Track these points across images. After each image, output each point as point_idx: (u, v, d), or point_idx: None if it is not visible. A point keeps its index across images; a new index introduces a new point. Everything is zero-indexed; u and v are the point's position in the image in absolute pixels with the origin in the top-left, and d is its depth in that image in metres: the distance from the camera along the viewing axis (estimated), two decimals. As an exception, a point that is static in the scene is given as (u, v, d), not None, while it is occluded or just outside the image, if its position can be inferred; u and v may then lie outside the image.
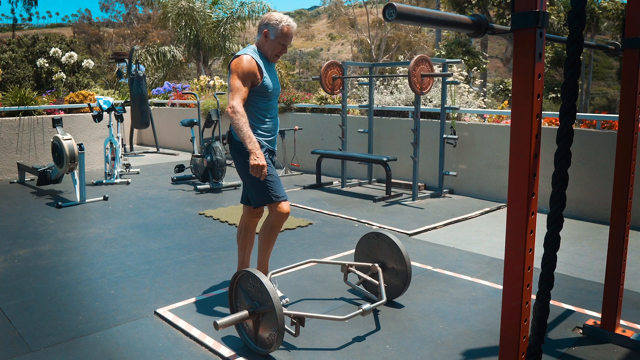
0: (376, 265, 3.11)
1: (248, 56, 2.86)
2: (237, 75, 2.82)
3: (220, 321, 2.41)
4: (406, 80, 7.01)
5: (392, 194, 6.06)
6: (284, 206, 2.94)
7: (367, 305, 2.70)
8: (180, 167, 7.38)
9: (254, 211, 3.16)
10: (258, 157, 2.71)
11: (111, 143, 7.04)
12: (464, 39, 16.85)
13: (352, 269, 3.19)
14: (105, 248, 4.20)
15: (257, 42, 2.99)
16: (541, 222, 1.61)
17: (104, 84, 17.07)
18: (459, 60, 6.94)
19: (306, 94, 9.06)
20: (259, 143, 2.92)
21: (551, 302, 2.13)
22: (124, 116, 7.64)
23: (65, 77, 10.61)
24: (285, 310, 2.50)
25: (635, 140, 2.47)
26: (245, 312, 2.49)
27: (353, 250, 3.42)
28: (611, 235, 2.57)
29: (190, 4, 16.12)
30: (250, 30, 19.69)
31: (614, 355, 2.51)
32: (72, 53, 10.48)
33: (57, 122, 6.05)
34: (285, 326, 2.44)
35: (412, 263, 3.84)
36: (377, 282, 3.04)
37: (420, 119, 6.00)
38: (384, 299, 2.86)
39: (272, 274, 3.10)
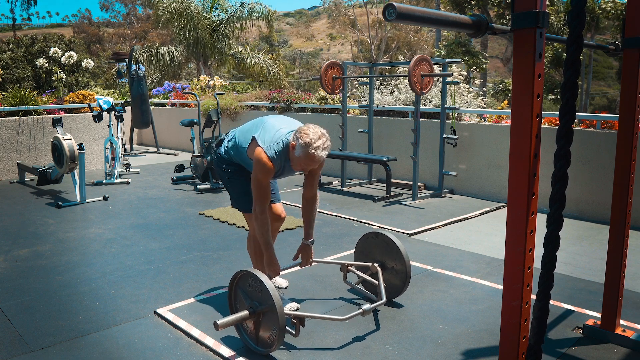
0: (376, 265, 3.11)
1: (269, 163, 2.65)
2: (258, 177, 2.68)
3: (220, 321, 2.41)
4: (406, 80, 7.01)
5: (392, 194, 6.06)
6: (247, 217, 3.00)
7: (366, 306, 2.71)
8: (180, 167, 7.38)
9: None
10: (273, 264, 2.80)
11: (111, 143, 7.04)
12: (464, 39, 16.84)
13: (352, 268, 3.19)
14: (105, 248, 4.20)
15: (291, 142, 2.69)
16: (541, 222, 1.60)
17: (104, 84, 17.07)
18: (459, 60, 6.95)
19: (306, 94, 9.06)
20: (229, 159, 2.96)
21: (551, 302, 2.13)
22: (124, 116, 7.63)
23: (64, 77, 10.61)
24: (285, 311, 2.50)
25: (635, 140, 2.47)
26: (245, 312, 2.49)
27: (353, 250, 3.42)
28: (611, 235, 2.57)
29: (184, 5, 16.08)
30: (250, 30, 19.67)
31: (614, 355, 2.51)
32: (72, 53, 10.47)
33: (57, 122, 6.05)
34: (286, 326, 2.44)
35: (412, 263, 3.84)
36: (376, 282, 3.04)
37: (420, 119, 6.00)
38: (384, 299, 2.86)
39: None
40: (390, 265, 3.12)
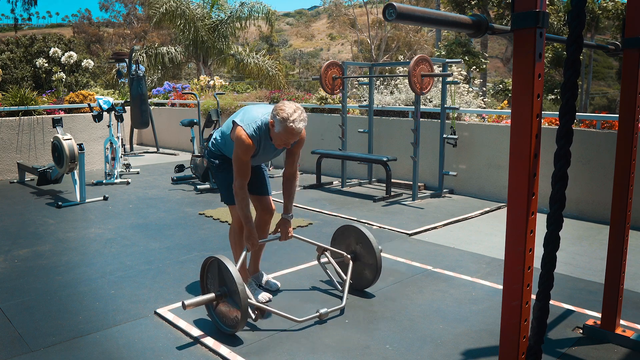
0: (348, 256, 3.26)
1: (248, 140, 2.82)
2: (238, 155, 2.85)
3: (188, 302, 2.64)
4: (406, 80, 7.01)
5: (392, 194, 6.06)
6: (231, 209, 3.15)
7: (324, 310, 2.87)
8: (180, 167, 7.38)
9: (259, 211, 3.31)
10: (252, 237, 2.96)
11: (111, 143, 7.04)
12: (464, 39, 16.84)
13: (327, 254, 3.32)
14: (105, 248, 4.20)
15: (269, 120, 2.84)
16: (541, 222, 1.60)
17: (104, 83, 17.07)
18: (459, 60, 6.93)
19: (306, 94, 9.07)
20: (216, 152, 3.13)
21: (551, 302, 2.12)
22: (124, 116, 7.63)
23: (64, 77, 10.61)
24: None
25: (635, 140, 2.47)
26: (212, 295, 2.72)
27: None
28: (611, 235, 2.57)
29: (179, 5, 16.05)
30: (250, 30, 19.67)
31: (614, 355, 2.51)
32: (72, 53, 10.47)
33: (57, 122, 6.05)
34: (249, 310, 2.68)
35: (412, 263, 3.84)
36: (345, 278, 3.19)
37: (420, 119, 6.00)
38: (343, 303, 3.02)
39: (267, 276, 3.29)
40: (362, 258, 3.26)
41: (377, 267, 3.16)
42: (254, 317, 2.78)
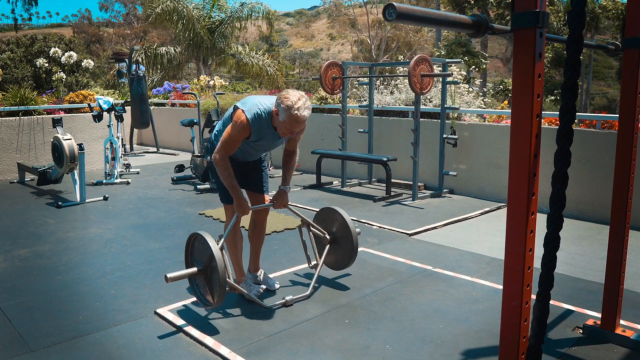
0: (328, 238, 3.38)
1: (246, 123, 2.81)
2: (231, 133, 2.85)
3: (170, 275, 2.78)
4: (406, 80, 7.01)
5: (392, 194, 6.06)
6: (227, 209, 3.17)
7: (289, 297, 3.08)
8: (180, 167, 7.38)
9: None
10: (242, 204, 2.96)
11: (111, 143, 7.04)
12: (464, 39, 16.85)
13: (312, 229, 3.41)
14: (105, 248, 4.20)
15: (273, 109, 2.82)
16: (541, 222, 1.60)
17: (104, 84, 17.06)
18: (459, 60, 6.94)
19: (306, 93, 9.06)
20: (215, 144, 3.08)
21: (551, 302, 2.12)
22: (124, 116, 7.63)
23: (65, 77, 10.61)
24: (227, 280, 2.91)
25: (635, 140, 2.46)
26: (194, 269, 2.86)
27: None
28: (611, 235, 2.57)
29: (177, 5, 16.04)
30: (250, 30, 19.67)
31: (614, 355, 2.51)
32: (72, 53, 10.47)
33: (57, 122, 6.05)
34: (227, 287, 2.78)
35: (412, 263, 3.84)
36: (319, 261, 3.34)
37: (420, 119, 6.00)
38: (308, 292, 3.20)
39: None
40: (341, 241, 3.37)
41: (354, 250, 3.28)
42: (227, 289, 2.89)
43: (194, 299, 3.18)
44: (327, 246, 3.38)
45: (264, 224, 3.34)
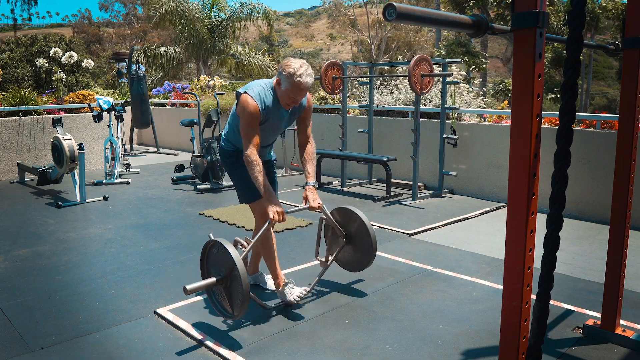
0: (343, 240, 3.25)
1: (253, 103, 2.73)
2: (244, 121, 2.76)
3: (189, 286, 2.62)
4: (406, 80, 7.01)
5: (392, 194, 6.06)
6: (256, 207, 2.97)
7: (296, 293, 3.00)
8: (180, 167, 7.38)
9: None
10: (274, 205, 2.78)
11: (111, 143, 7.04)
12: (464, 39, 16.85)
13: (331, 226, 3.27)
14: (105, 248, 4.20)
15: (275, 81, 2.83)
16: (541, 222, 1.60)
17: (104, 84, 17.06)
18: (459, 60, 6.94)
19: (306, 93, 9.05)
20: (230, 149, 3.02)
21: (551, 302, 2.12)
22: (124, 116, 7.63)
23: (65, 77, 10.61)
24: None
25: (635, 140, 2.46)
26: (213, 279, 2.69)
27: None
28: (611, 235, 2.57)
29: (179, 6, 16.04)
30: (250, 30, 19.66)
31: (614, 355, 2.51)
32: (72, 53, 10.47)
33: (57, 122, 6.05)
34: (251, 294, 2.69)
35: (412, 263, 3.84)
36: (329, 259, 3.24)
37: (420, 119, 6.00)
38: (308, 288, 3.15)
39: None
40: (357, 243, 3.26)
41: (372, 254, 3.18)
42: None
43: (194, 299, 3.18)
44: (341, 246, 3.28)
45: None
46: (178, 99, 10.96)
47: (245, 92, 2.78)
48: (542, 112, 1.85)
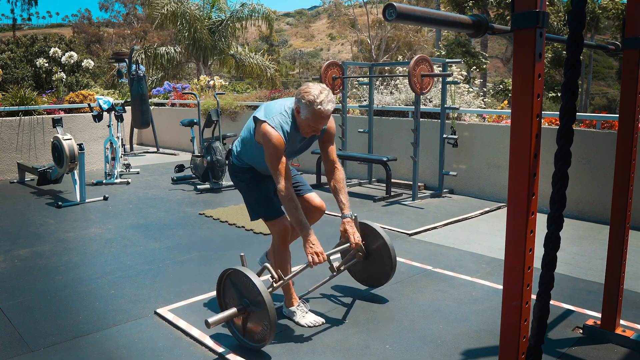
0: (361, 255, 3.10)
1: (276, 134, 2.55)
2: (270, 153, 2.57)
3: (211, 319, 2.44)
4: (406, 80, 7.01)
5: (392, 194, 6.06)
6: (275, 224, 2.80)
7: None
8: (180, 167, 7.38)
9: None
10: (313, 245, 2.59)
11: (111, 143, 7.04)
12: (464, 39, 16.85)
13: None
14: (105, 248, 4.20)
15: (294, 107, 2.62)
16: (541, 222, 1.60)
17: (104, 84, 17.06)
18: (459, 60, 6.95)
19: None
20: (243, 166, 2.85)
21: (551, 302, 2.11)
22: (124, 116, 7.63)
23: (65, 77, 10.61)
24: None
25: (635, 140, 2.46)
26: (234, 310, 2.52)
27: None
28: (611, 235, 2.57)
29: (181, 7, 16.05)
30: (250, 30, 19.66)
31: (614, 355, 2.51)
32: (72, 53, 10.47)
33: (57, 122, 6.05)
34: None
35: (412, 263, 3.84)
36: (340, 268, 3.02)
37: (420, 119, 6.00)
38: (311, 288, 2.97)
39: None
40: (376, 262, 3.12)
41: (391, 271, 3.07)
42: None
43: (194, 299, 3.18)
44: (356, 260, 3.09)
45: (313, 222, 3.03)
46: (178, 99, 10.96)
47: (265, 122, 2.59)
48: (542, 112, 1.85)
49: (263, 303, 2.38)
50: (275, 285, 2.61)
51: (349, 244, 2.77)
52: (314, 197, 2.98)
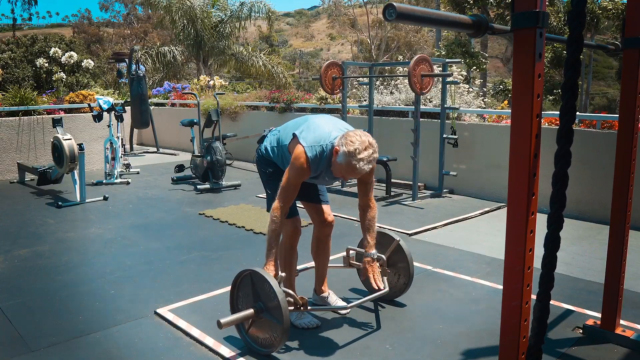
0: (387, 270, 2.94)
1: (306, 165, 2.48)
2: (290, 174, 2.50)
3: (223, 320, 2.39)
4: (406, 80, 7.00)
5: (392, 194, 6.06)
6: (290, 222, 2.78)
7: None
8: (180, 167, 7.38)
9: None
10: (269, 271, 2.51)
11: (111, 143, 7.04)
12: (464, 39, 16.83)
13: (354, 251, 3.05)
14: (105, 248, 4.20)
15: (336, 145, 2.49)
16: (541, 222, 1.60)
17: (104, 84, 17.06)
18: (459, 60, 6.94)
19: (306, 94, 9.06)
20: (270, 160, 2.81)
21: (551, 302, 2.11)
22: (124, 116, 7.63)
23: (65, 77, 10.60)
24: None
25: (635, 140, 2.46)
26: (250, 311, 2.46)
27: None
28: (611, 235, 2.57)
29: (189, 2, 16.10)
30: (250, 30, 19.64)
31: (614, 355, 2.51)
32: (72, 53, 10.46)
33: (57, 122, 6.05)
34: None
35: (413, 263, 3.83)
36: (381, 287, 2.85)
37: (420, 119, 6.00)
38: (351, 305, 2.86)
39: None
40: (393, 269, 3.08)
41: (401, 292, 3.06)
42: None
43: (194, 299, 3.18)
44: (383, 274, 2.90)
45: (329, 240, 2.99)
46: (178, 99, 10.96)
47: (303, 145, 2.51)
48: (542, 112, 1.85)
49: (278, 306, 2.34)
50: (302, 309, 2.59)
51: (372, 290, 2.77)
52: (328, 211, 2.93)
